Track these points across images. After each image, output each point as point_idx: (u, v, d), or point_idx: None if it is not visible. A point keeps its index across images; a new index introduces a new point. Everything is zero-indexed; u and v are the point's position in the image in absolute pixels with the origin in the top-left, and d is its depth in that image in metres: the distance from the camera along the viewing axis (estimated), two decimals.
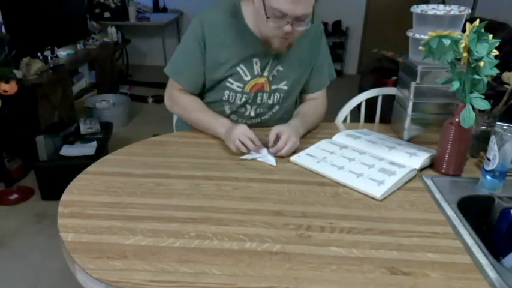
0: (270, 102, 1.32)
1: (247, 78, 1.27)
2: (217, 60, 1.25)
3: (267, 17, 1.08)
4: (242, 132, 1.14)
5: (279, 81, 1.29)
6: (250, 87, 1.28)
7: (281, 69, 1.28)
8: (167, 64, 1.32)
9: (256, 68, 1.26)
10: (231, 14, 1.23)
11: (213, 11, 1.25)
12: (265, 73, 1.27)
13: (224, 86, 1.28)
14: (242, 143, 1.13)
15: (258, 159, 1.14)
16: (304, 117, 1.30)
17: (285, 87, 1.31)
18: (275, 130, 1.17)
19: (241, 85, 1.27)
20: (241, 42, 1.23)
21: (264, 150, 1.16)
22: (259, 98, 1.31)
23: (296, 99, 1.42)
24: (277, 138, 1.16)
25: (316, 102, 1.39)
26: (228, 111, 1.33)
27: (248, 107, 1.32)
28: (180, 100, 1.31)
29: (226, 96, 1.29)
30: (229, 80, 1.27)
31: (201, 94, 1.36)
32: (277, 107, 1.34)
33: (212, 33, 1.23)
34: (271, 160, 1.13)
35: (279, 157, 1.15)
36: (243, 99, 1.30)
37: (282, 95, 1.32)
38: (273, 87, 1.30)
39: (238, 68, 1.25)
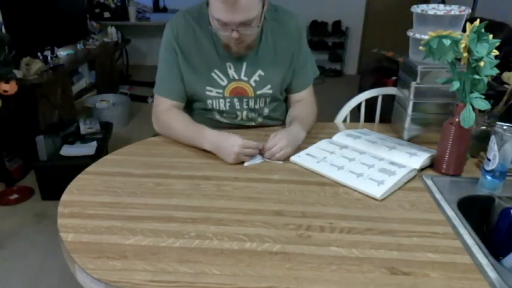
0: (257, 107, 1.32)
1: (224, 83, 1.26)
2: (192, 67, 1.24)
3: (212, 27, 1.12)
4: (239, 147, 1.09)
5: (263, 86, 1.28)
6: (229, 91, 1.27)
7: (262, 73, 1.27)
8: (155, 84, 1.29)
9: (231, 72, 1.25)
10: (194, 17, 1.23)
11: (180, 17, 1.24)
12: (243, 77, 1.26)
13: (205, 95, 1.27)
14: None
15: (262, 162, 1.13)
16: (302, 121, 1.26)
17: (270, 91, 1.30)
18: (275, 137, 1.14)
19: (220, 90, 1.27)
20: (211, 47, 1.23)
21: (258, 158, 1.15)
22: (245, 104, 1.30)
23: (284, 98, 1.40)
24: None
25: (305, 103, 1.36)
26: (219, 118, 1.33)
27: (238, 113, 1.31)
28: (161, 119, 1.25)
29: (210, 105, 1.29)
30: (207, 88, 1.26)
31: (190, 104, 1.34)
32: (266, 110, 1.34)
33: (183, 40, 1.23)
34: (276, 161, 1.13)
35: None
36: (228, 104, 1.29)
37: (268, 98, 1.32)
38: (258, 92, 1.29)
39: (213, 74, 1.25)
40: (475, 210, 0.96)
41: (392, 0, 4.80)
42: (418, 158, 1.10)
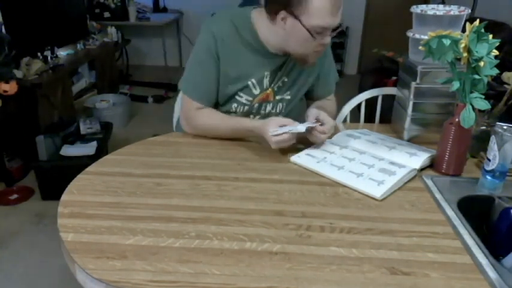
0: (273, 112, 1.31)
1: (256, 92, 1.26)
2: (229, 75, 1.22)
3: (314, 38, 1.08)
4: (274, 126, 1.10)
5: (283, 92, 1.29)
6: (258, 99, 1.28)
7: (286, 79, 1.27)
8: (181, 80, 1.26)
9: (266, 81, 1.25)
10: (239, 25, 1.19)
11: (223, 23, 1.19)
12: (273, 84, 1.27)
13: (233, 99, 1.27)
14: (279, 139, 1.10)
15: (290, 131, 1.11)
16: (324, 110, 1.24)
17: (288, 97, 1.31)
18: (314, 112, 1.16)
19: (250, 98, 1.27)
20: (253, 55, 1.21)
21: (298, 126, 1.12)
22: (262, 109, 1.30)
23: (298, 106, 1.40)
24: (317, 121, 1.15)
25: (327, 101, 1.41)
26: None
27: (251, 116, 1.31)
28: (199, 122, 1.25)
29: (234, 108, 1.28)
30: (239, 93, 1.25)
31: None
32: (281, 116, 1.34)
33: (224, 47, 1.19)
34: (301, 128, 1.11)
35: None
36: (247, 108, 1.29)
37: (285, 104, 1.32)
38: (277, 97, 1.29)
39: (249, 82, 1.24)
40: (475, 210, 0.96)
41: (392, 0, 4.79)
42: (418, 158, 1.10)
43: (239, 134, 1.24)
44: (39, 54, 2.89)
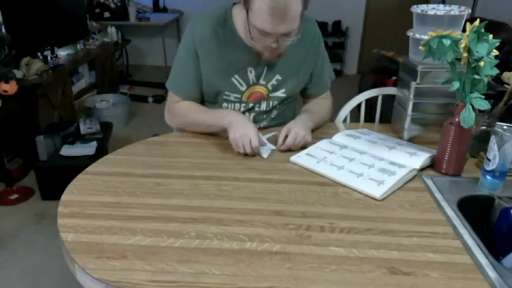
0: (267, 109, 1.32)
1: (243, 88, 1.26)
2: (211, 72, 1.24)
3: (251, 37, 1.09)
4: (248, 138, 1.12)
5: (278, 89, 1.30)
6: (247, 96, 1.28)
7: (280, 78, 1.27)
8: (168, 79, 1.31)
9: (251, 76, 1.25)
10: (219, 22, 1.20)
11: (202, 22, 1.21)
12: (262, 81, 1.27)
13: (222, 99, 1.28)
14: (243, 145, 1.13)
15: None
16: (312, 113, 1.31)
17: (283, 95, 1.31)
18: (284, 129, 1.19)
19: (239, 95, 1.27)
20: (233, 52, 1.21)
21: (266, 146, 1.18)
22: (257, 107, 1.31)
23: (293, 103, 1.42)
24: (287, 136, 1.17)
25: (320, 99, 1.41)
26: None
27: (246, 113, 1.31)
28: (176, 109, 1.30)
29: (225, 108, 1.29)
30: (226, 93, 1.26)
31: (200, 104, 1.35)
32: (275, 112, 1.35)
33: (203, 46, 1.21)
34: (267, 152, 1.16)
35: (286, 152, 1.17)
36: (242, 109, 1.30)
37: (279, 101, 1.32)
38: (271, 95, 1.30)
39: (233, 79, 1.24)
40: (475, 210, 0.96)
41: (392, 0, 4.79)
42: (418, 158, 1.10)
43: (209, 126, 1.25)
44: (39, 54, 2.89)
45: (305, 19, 1.26)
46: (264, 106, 1.31)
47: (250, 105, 1.29)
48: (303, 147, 1.19)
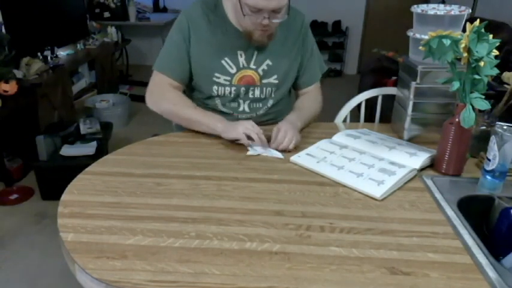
0: (262, 96, 1.34)
1: (233, 71, 1.29)
2: (201, 55, 1.27)
3: (244, 14, 1.13)
4: (251, 125, 1.17)
5: (270, 75, 1.32)
6: (237, 79, 1.30)
7: (270, 63, 1.30)
8: (156, 61, 1.32)
9: (241, 60, 1.29)
10: (210, 7, 1.27)
11: (194, 7, 1.28)
12: (252, 65, 1.30)
13: (212, 81, 1.30)
14: (248, 136, 1.15)
15: (263, 154, 1.16)
16: (300, 111, 1.34)
17: (276, 81, 1.33)
18: (275, 128, 1.21)
19: (228, 78, 1.30)
20: (223, 35, 1.27)
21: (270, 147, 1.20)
22: (250, 93, 1.33)
23: (290, 92, 1.45)
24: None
25: (309, 95, 1.43)
26: (219, 106, 1.35)
27: (240, 101, 1.34)
28: (168, 95, 1.29)
29: (215, 91, 1.32)
30: (216, 74, 1.29)
31: (191, 91, 1.39)
32: (271, 101, 1.37)
33: (194, 29, 1.26)
34: (278, 154, 1.16)
35: (286, 153, 1.17)
36: (233, 93, 1.32)
37: (273, 88, 1.34)
38: (264, 81, 1.32)
39: (223, 62, 1.28)
40: (475, 210, 0.96)
41: (392, 0, 4.80)
42: (418, 158, 1.10)
43: (201, 124, 1.26)
44: (39, 54, 2.89)
45: (294, 10, 1.32)
46: (257, 93, 1.33)
47: (242, 89, 1.31)
48: (297, 147, 1.19)
